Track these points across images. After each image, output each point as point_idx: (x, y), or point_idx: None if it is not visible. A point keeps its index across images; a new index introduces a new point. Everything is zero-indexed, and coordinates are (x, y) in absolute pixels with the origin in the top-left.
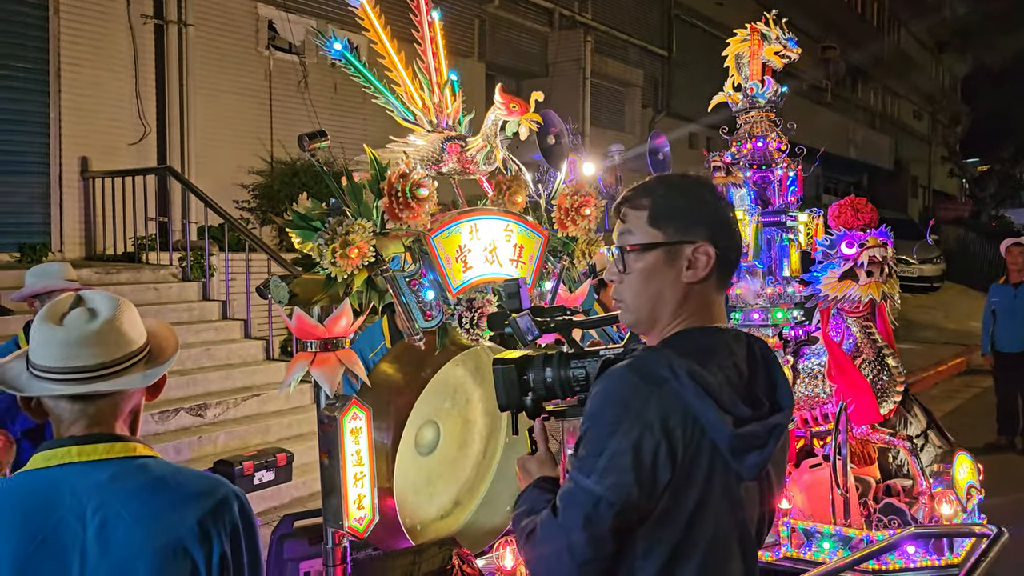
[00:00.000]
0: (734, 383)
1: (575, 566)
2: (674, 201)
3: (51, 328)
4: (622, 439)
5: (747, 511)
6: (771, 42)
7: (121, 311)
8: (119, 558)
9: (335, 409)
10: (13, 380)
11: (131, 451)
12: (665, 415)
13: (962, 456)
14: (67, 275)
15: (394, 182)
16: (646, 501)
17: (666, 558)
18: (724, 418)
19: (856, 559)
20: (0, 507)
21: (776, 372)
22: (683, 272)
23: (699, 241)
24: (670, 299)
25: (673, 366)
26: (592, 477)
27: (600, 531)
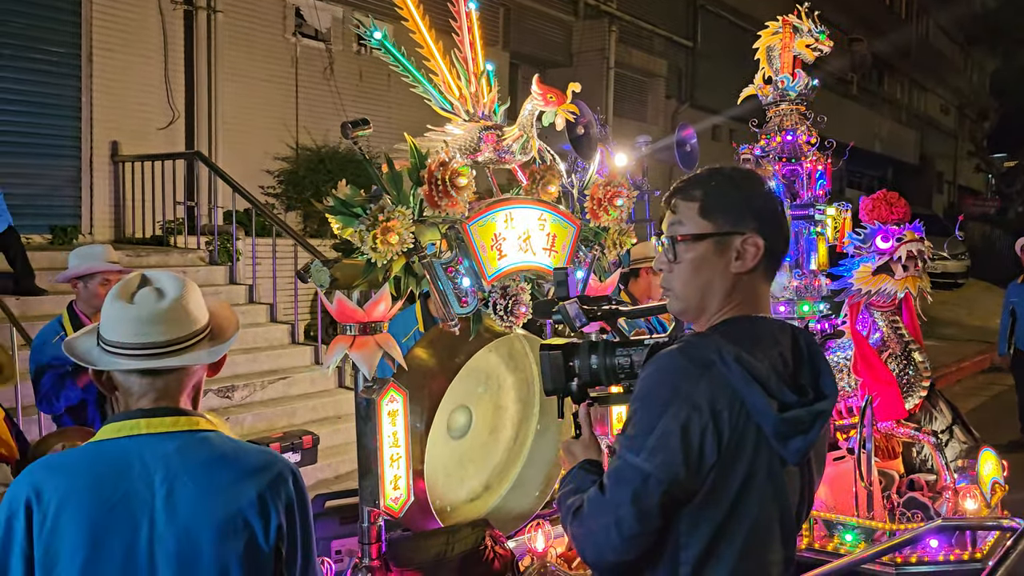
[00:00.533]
0: (779, 370)
1: (622, 540)
2: (725, 193)
3: (124, 306)
4: (671, 420)
5: (789, 495)
6: (803, 35)
7: (187, 291)
8: (185, 525)
9: (373, 392)
10: (85, 354)
11: (195, 424)
12: (713, 398)
13: (987, 452)
14: (109, 257)
15: (434, 170)
16: (692, 480)
17: (710, 537)
18: (770, 403)
19: (882, 550)
20: (74, 475)
21: (820, 361)
22: (732, 263)
23: (748, 233)
24: (719, 288)
25: (721, 351)
26: (641, 455)
27: (648, 507)
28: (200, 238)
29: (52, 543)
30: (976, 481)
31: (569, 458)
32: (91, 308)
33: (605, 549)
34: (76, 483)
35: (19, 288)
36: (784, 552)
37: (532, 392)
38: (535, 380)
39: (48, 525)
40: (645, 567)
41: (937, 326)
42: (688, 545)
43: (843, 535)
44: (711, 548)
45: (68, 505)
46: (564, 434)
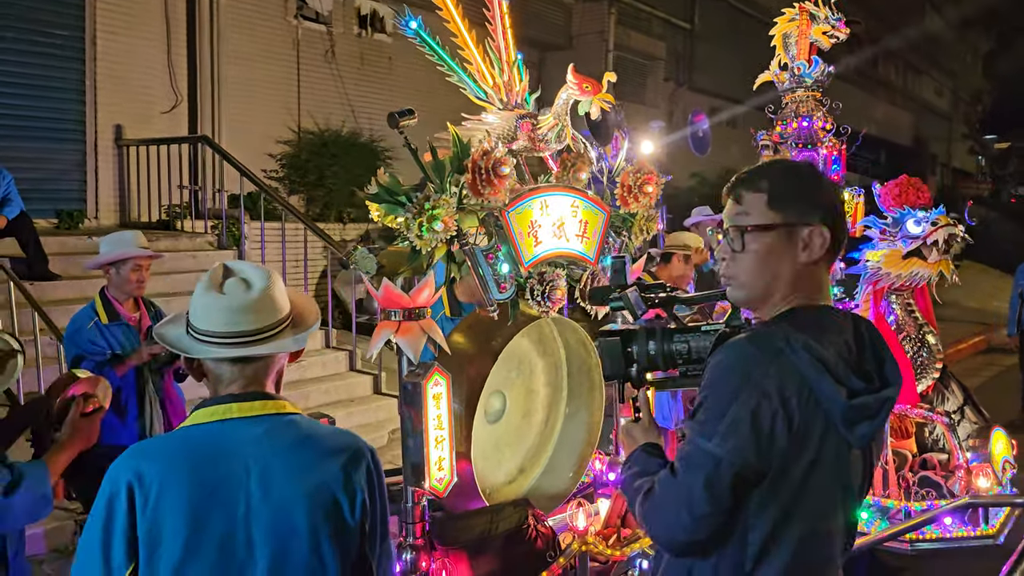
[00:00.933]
0: (846, 358)
1: (693, 520)
2: (792, 184)
3: (215, 296)
4: (742, 406)
5: (852, 477)
6: (819, 22)
7: (273, 281)
8: (278, 502)
9: (418, 376)
10: (176, 342)
11: (281, 408)
12: (782, 385)
13: (998, 432)
14: (140, 243)
15: (478, 160)
16: (762, 464)
17: (777, 517)
18: (839, 389)
19: (909, 526)
20: (172, 458)
21: (883, 350)
22: (799, 253)
23: (815, 223)
24: (785, 278)
25: (790, 339)
26: (713, 440)
27: (719, 490)
28: (207, 222)
29: (155, 523)
30: (988, 460)
31: (629, 441)
32: (123, 293)
33: (676, 529)
34: (175, 466)
35: (32, 273)
36: (845, 531)
37: (561, 376)
38: (563, 364)
39: (151, 506)
40: (713, 546)
41: (935, 308)
42: (756, 526)
43: (859, 513)
44: (777, 528)
45: (169, 487)
46: (594, 417)
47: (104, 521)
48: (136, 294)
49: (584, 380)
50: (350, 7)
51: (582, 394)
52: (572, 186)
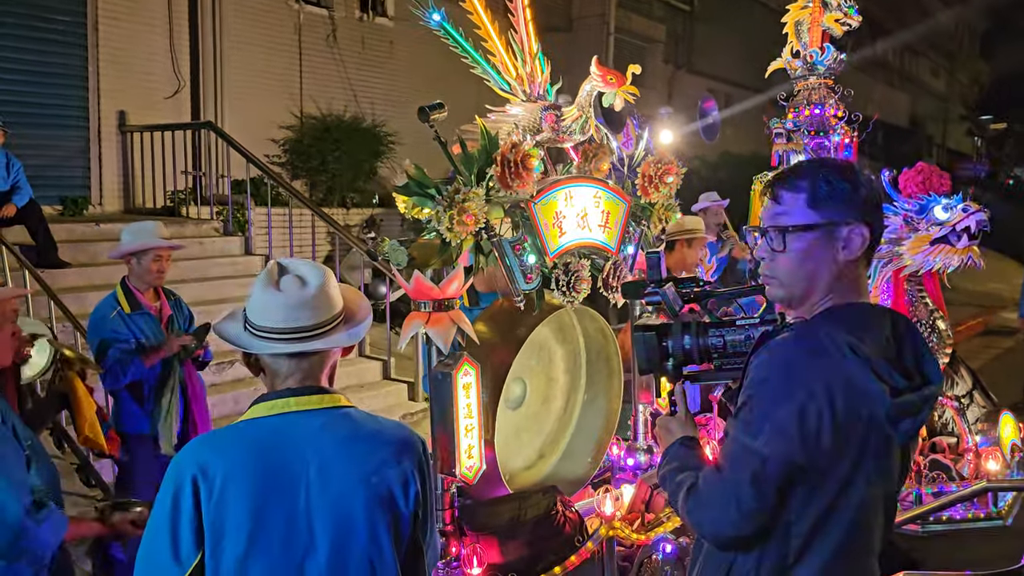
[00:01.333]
0: (888, 356)
1: (740, 516)
2: (832, 184)
3: (273, 293)
4: (788, 406)
5: (893, 472)
6: (832, 9)
7: (327, 278)
8: (337, 493)
9: (448, 365)
10: (236, 338)
11: (337, 402)
12: (828, 384)
13: (1007, 416)
14: (161, 233)
15: (507, 153)
16: (808, 462)
17: (820, 513)
18: (883, 388)
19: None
20: (234, 451)
21: (921, 346)
22: (839, 252)
23: (855, 223)
24: (825, 277)
25: (834, 339)
26: (760, 439)
27: (766, 487)
28: (212, 208)
29: (220, 514)
30: (997, 443)
31: (666, 435)
32: (144, 283)
33: (724, 525)
34: (237, 459)
35: (42, 261)
36: (886, 522)
37: (579, 363)
38: (582, 351)
39: (215, 498)
40: (757, 541)
41: None
42: (799, 521)
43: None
44: (820, 523)
45: (232, 479)
46: (611, 404)
47: (171, 513)
48: (156, 284)
49: (602, 367)
50: None
51: (600, 381)
52: (594, 177)
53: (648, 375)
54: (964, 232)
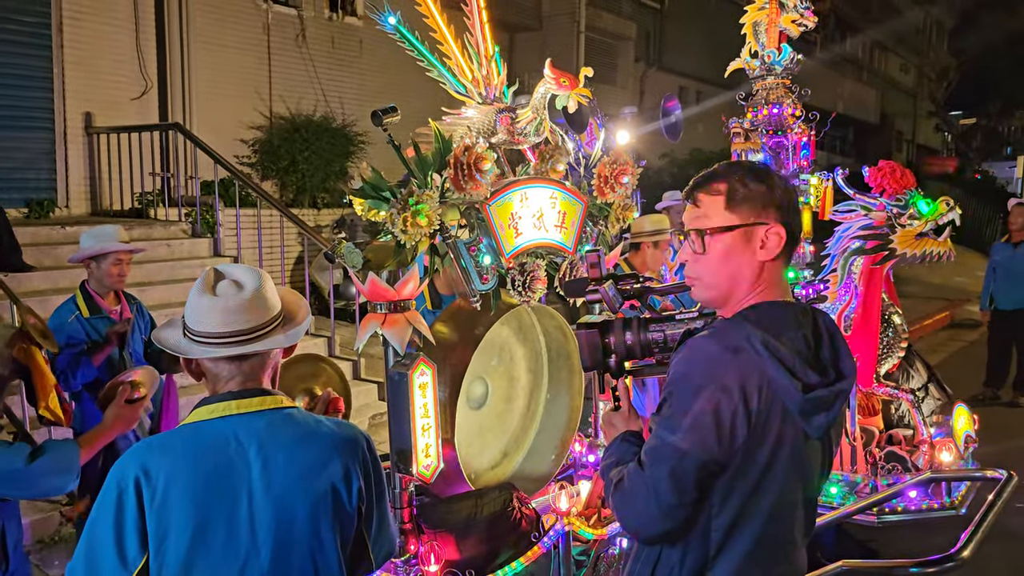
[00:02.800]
0: (803, 352)
1: (660, 511)
2: (748, 186)
3: (209, 299)
4: (705, 401)
5: (811, 465)
6: (788, 10)
7: (264, 281)
8: (280, 493)
9: (405, 366)
10: (176, 345)
11: (279, 403)
12: (743, 380)
13: (960, 408)
14: (121, 237)
15: (460, 155)
16: (724, 456)
17: (739, 506)
18: (795, 384)
19: (873, 501)
20: (177, 454)
21: (839, 343)
22: (758, 251)
23: (771, 223)
24: (746, 276)
25: (750, 336)
26: (678, 434)
27: (684, 481)
28: (180, 210)
29: (162, 518)
30: (950, 435)
31: (610, 430)
32: (104, 288)
33: (645, 519)
34: (180, 461)
35: (6, 264)
36: (805, 514)
37: (541, 362)
38: (543, 350)
39: (158, 500)
40: (681, 534)
41: (899, 284)
42: (720, 514)
43: (828, 488)
44: (740, 515)
45: (175, 482)
46: (574, 401)
47: (115, 515)
48: (117, 287)
49: (563, 365)
50: None
51: (562, 379)
52: (550, 177)
53: (592, 372)
54: (948, 225)
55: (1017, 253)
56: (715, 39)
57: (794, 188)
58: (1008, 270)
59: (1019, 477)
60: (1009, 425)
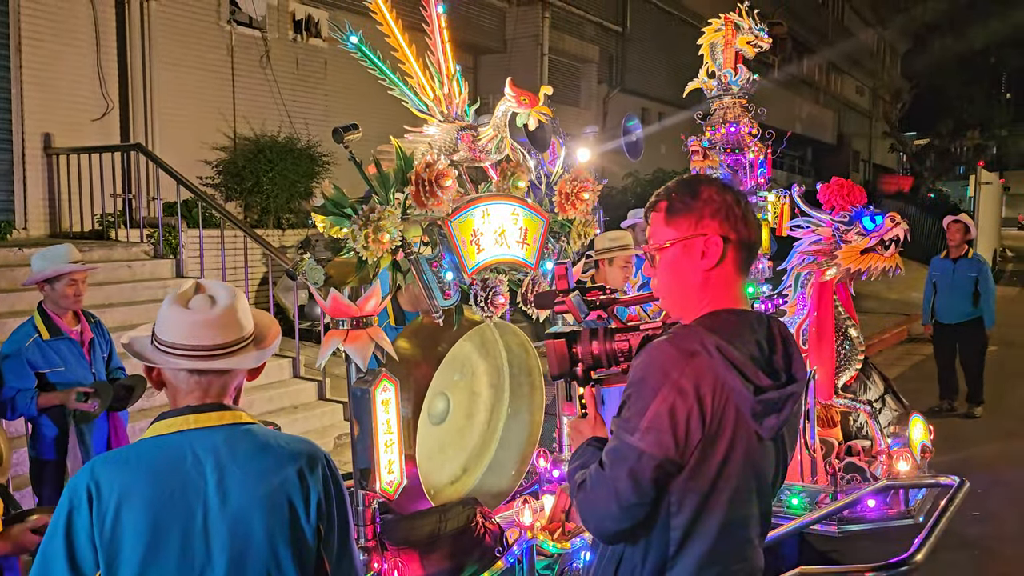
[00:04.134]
0: (756, 357)
1: (620, 510)
2: (683, 200)
3: (180, 310)
4: (661, 403)
5: (764, 466)
6: (744, 32)
7: (237, 299)
8: (236, 509)
9: (367, 382)
10: (141, 351)
11: (238, 418)
12: (697, 382)
13: (916, 418)
14: (73, 257)
15: (421, 172)
16: (680, 456)
17: (697, 504)
18: (747, 386)
19: (830, 511)
20: (132, 468)
21: (791, 348)
22: (699, 262)
23: (709, 233)
24: (693, 286)
25: (704, 340)
26: (636, 435)
27: (642, 481)
28: (142, 231)
29: (115, 532)
30: (907, 445)
31: (577, 436)
32: (60, 308)
33: (606, 519)
34: (134, 476)
35: None
36: (759, 514)
37: (503, 377)
38: (505, 366)
39: (110, 515)
40: (641, 534)
41: (857, 300)
42: (678, 513)
43: (789, 500)
44: (698, 514)
45: (128, 497)
46: (534, 416)
47: (66, 531)
48: (74, 308)
49: (525, 381)
50: (284, 12)
51: (523, 395)
52: (512, 194)
53: (559, 381)
54: (892, 241)
55: (957, 268)
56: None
57: (740, 198)
58: (947, 285)
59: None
60: (965, 435)
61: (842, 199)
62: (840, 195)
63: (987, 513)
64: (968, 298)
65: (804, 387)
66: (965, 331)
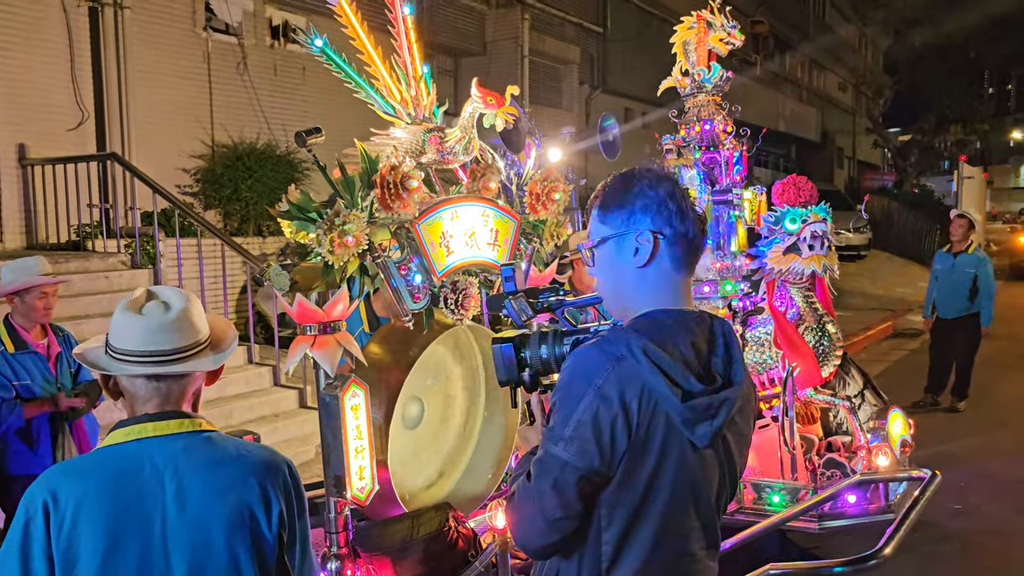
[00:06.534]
0: (690, 360)
1: (546, 524)
2: (615, 196)
3: (133, 317)
4: (584, 411)
5: (705, 475)
6: (716, 29)
7: (191, 304)
8: (195, 517)
9: (336, 388)
10: (96, 361)
11: (198, 426)
12: (623, 389)
13: (895, 413)
14: (43, 270)
15: (385, 175)
16: (606, 467)
17: (628, 517)
18: (675, 392)
19: (804, 508)
20: (89, 478)
21: (734, 350)
22: (632, 259)
23: (641, 229)
24: (628, 284)
25: (631, 344)
26: (560, 445)
27: (567, 493)
28: (119, 241)
29: (72, 543)
30: (886, 439)
31: (524, 444)
32: (28, 321)
33: (533, 533)
34: (91, 485)
35: None
36: (701, 525)
37: (478, 381)
38: (480, 369)
39: (67, 526)
40: (571, 548)
41: (843, 296)
42: (608, 526)
43: (770, 497)
44: (630, 527)
45: (85, 506)
46: (510, 419)
47: (21, 542)
48: (43, 321)
49: None
50: (261, 18)
51: (498, 397)
52: (482, 196)
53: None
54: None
55: (956, 263)
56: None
57: (675, 191)
58: (947, 280)
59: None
60: (948, 430)
61: (777, 197)
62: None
63: (969, 507)
64: (965, 293)
65: (745, 390)
66: (961, 326)
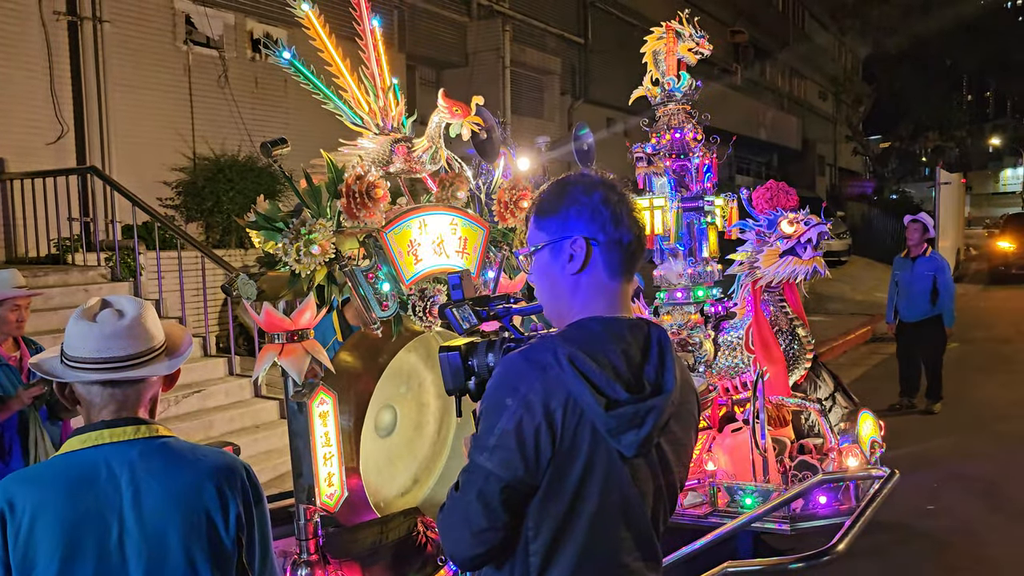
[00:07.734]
0: (619, 368)
1: (471, 535)
2: (549, 203)
3: (87, 325)
4: (508, 419)
5: (638, 485)
6: (685, 39)
7: (145, 311)
8: (152, 523)
9: (303, 395)
10: (52, 370)
11: (154, 432)
12: (547, 398)
13: (865, 414)
14: (16, 282)
15: (351, 184)
16: (531, 477)
17: (555, 527)
18: (599, 400)
19: (772, 507)
20: (45, 485)
21: (668, 358)
22: (567, 266)
23: (575, 236)
24: (563, 291)
25: (557, 352)
26: (484, 455)
27: (491, 503)
28: (99, 254)
29: (28, 550)
30: (856, 441)
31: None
32: (1, 335)
33: (459, 544)
34: (48, 493)
35: None
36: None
37: None
38: None
39: (23, 533)
40: (499, 559)
41: (823, 301)
42: (536, 537)
43: (743, 499)
44: (557, 537)
45: (41, 514)
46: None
47: None
48: (16, 334)
49: None
50: (242, 31)
51: (473, 404)
52: (450, 204)
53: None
54: (808, 243)
55: (915, 267)
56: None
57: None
58: (907, 284)
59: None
60: (923, 431)
61: (765, 203)
62: (762, 199)
63: (941, 507)
64: (927, 296)
65: (678, 397)
66: (925, 329)
